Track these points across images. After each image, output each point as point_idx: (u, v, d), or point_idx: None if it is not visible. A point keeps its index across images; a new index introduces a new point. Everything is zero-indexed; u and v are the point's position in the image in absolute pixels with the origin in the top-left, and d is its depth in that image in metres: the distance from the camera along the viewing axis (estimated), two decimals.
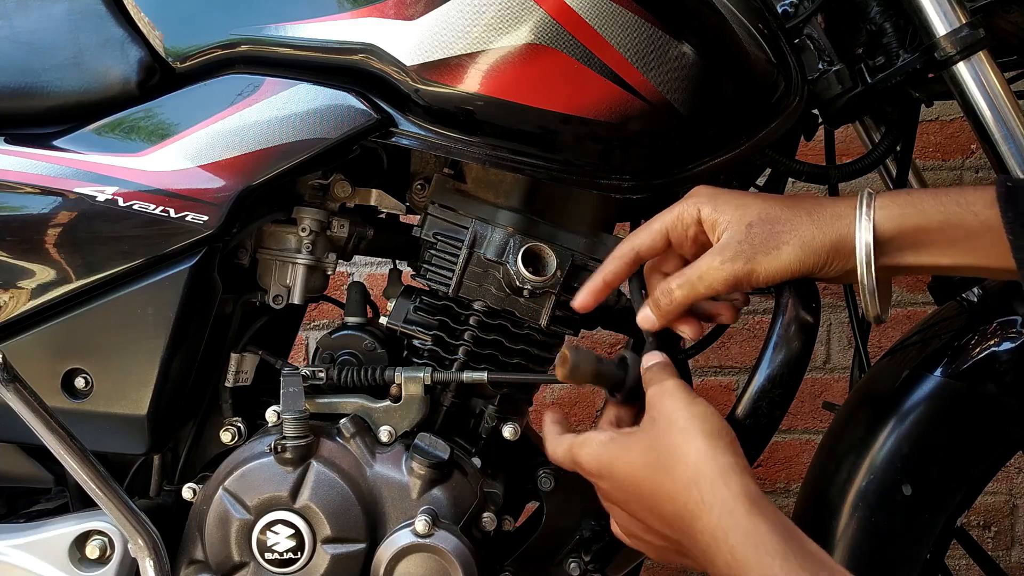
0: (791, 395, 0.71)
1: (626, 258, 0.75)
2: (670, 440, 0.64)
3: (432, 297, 0.88)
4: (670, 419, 0.65)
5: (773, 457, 1.88)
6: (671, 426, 0.64)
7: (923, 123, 1.77)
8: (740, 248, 0.69)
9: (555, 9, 0.74)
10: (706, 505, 0.60)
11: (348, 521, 0.83)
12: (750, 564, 0.58)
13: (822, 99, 0.85)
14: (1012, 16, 0.83)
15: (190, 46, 0.82)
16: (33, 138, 0.83)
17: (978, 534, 1.87)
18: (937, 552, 0.83)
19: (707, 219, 0.71)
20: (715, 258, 0.70)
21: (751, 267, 0.69)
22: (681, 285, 0.71)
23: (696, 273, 0.70)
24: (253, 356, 0.92)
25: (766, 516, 0.59)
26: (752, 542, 0.58)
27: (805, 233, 0.69)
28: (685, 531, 0.63)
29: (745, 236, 0.69)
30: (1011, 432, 0.82)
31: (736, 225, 0.70)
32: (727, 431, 0.64)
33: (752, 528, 0.58)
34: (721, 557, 0.59)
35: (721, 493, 0.60)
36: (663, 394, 0.66)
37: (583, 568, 0.89)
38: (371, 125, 0.79)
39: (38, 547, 0.86)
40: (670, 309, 0.72)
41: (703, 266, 0.70)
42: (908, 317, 1.80)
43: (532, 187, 0.85)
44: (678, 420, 0.64)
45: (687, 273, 0.71)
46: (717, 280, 0.70)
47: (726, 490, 0.60)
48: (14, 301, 0.83)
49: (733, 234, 0.70)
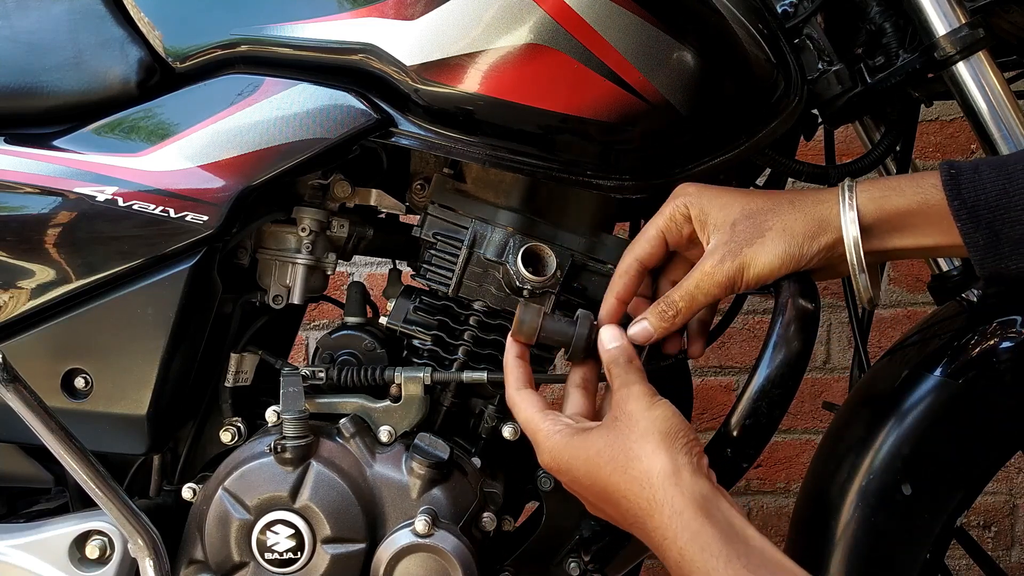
0: (791, 395, 0.71)
1: (631, 271, 0.77)
2: (628, 440, 0.66)
3: (432, 297, 0.88)
4: (631, 420, 0.67)
5: (773, 457, 1.88)
6: (631, 427, 0.66)
7: (923, 123, 1.77)
8: (728, 248, 0.71)
9: (555, 9, 0.74)
10: (657, 504, 0.63)
11: (348, 521, 0.83)
12: (696, 565, 0.60)
13: (822, 99, 0.85)
14: (1012, 16, 0.83)
15: (190, 46, 0.82)
16: (33, 138, 0.83)
17: (978, 534, 1.87)
18: (937, 552, 0.83)
19: (697, 220, 0.74)
20: (706, 264, 0.72)
21: (740, 262, 0.71)
22: (683, 297, 0.73)
23: (693, 283, 0.73)
24: (253, 356, 0.92)
25: (713, 519, 0.61)
26: (698, 544, 0.60)
27: (787, 217, 0.71)
28: (640, 527, 0.65)
29: (731, 236, 0.71)
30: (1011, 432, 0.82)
31: (722, 227, 0.72)
32: (684, 432, 0.66)
33: (699, 529, 0.61)
34: (671, 555, 0.62)
35: (671, 493, 0.62)
36: (629, 397, 0.68)
37: (583, 568, 0.89)
38: (371, 125, 0.79)
39: (38, 547, 0.86)
40: (675, 322, 0.74)
41: (697, 275, 0.72)
42: (908, 317, 1.80)
43: (532, 187, 0.85)
44: (639, 421, 0.66)
45: (684, 285, 0.73)
46: (713, 285, 0.72)
47: (676, 491, 0.62)
48: (14, 301, 0.83)
49: (720, 236, 0.72)
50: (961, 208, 0.67)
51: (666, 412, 0.67)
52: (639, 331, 0.75)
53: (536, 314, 0.76)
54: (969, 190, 0.67)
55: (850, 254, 0.70)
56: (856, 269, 0.71)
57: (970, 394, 0.81)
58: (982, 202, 0.67)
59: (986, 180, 0.67)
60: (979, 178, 0.67)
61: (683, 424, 0.66)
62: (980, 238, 0.67)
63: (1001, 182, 0.67)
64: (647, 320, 0.74)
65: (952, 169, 0.69)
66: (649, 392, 0.69)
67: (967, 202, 0.67)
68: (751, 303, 1.81)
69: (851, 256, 0.70)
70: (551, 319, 0.76)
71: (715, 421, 1.84)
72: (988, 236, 0.67)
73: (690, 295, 0.73)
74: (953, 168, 0.69)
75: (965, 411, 0.82)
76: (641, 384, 0.69)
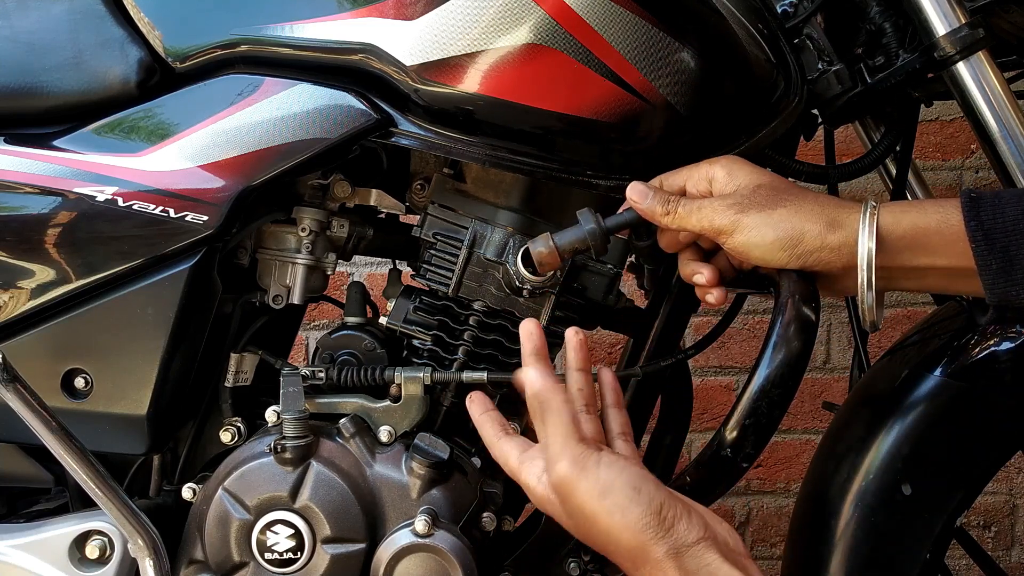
0: (791, 395, 0.71)
1: (654, 184, 0.78)
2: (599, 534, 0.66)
3: (432, 297, 0.88)
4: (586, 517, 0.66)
5: (773, 457, 1.88)
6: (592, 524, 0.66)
7: (923, 123, 1.77)
8: (741, 199, 0.72)
9: (555, 9, 0.74)
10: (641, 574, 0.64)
11: (348, 521, 0.83)
12: None
13: (822, 99, 0.85)
14: (1012, 16, 0.83)
15: (190, 46, 0.82)
16: (33, 138, 0.83)
17: (978, 534, 1.87)
18: (937, 552, 0.83)
19: (720, 181, 0.75)
20: (716, 201, 0.73)
21: (740, 216, 0.71)
22: (684, 205, 0.74)
23: (697, 203, 0.74)
24: (253, 356, 0.92)
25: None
26: None
27: (804, 205, 0.72)
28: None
29: (750, 193, 0.73)
30: (1011, 432, 0.82)
31: (746, 186, 0.73)
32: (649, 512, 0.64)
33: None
34: None
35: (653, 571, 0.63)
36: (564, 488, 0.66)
37: (583, 568, 0.89)
38: (371, 125, 0.79)
39: (38, 547, 0.86)
40: (664, 218, 0.75)
41: (706, 200, 0.74)
42: (908, 317, 1.80)
43: (532, 187, 0.85)
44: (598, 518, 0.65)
45: (693, 200, 0.74)
46: (705, 219, 0.72)
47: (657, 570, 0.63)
48: (14, 301, 0.83)
49: (740, 189, 0.73)
50: (977, 229, 0.67)
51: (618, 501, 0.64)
52: (637, 192, 0.75)
53: (546, 240, 0.77)
54: (988, 213, 0.67)
55: (861, 269, 0.69)
56: (865, 286, 0.70)
57: (970, 394, 0.81)
58: (999, 227, 0.67)
59: (1006, 206, 0.67)
60: (999, 203, 0.67)
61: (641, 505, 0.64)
62: (994, 261, 0.67)
63: (1021, 208, 0.67)
64: (650, 193, 0.75)
65: (973, 193, 0.69)
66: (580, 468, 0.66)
67: (984, 224, 0.67)
68: (751, 303, 1.81)
69: (862, 272, 0.69)
70: (560, 234, 0.77)
71: (715, 421, 1.84)
72: (1002, 261, 0.67)
73: (688, 210, 0.73)
74: (974, 193, 0.69)
75: (965, 411, 0.82)
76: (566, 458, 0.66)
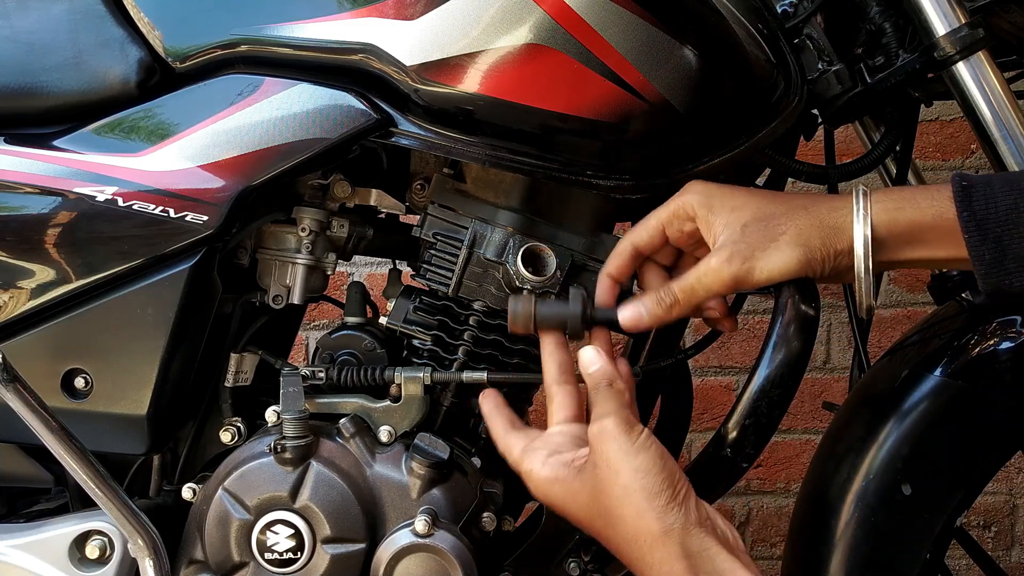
0: (791, 395, 0.71)
1: (625, 254, 0.77)
2: (611, 498, 0.65)
3: (432, 297, 0.88)
4: (611, 469, 0.65)
5: (773, 457, 1.88)
6: (613, 479, 0.65)
7: (923, 123, 1.77)
8: (736, 248, 0.70)
9: (555, 9, 0.74)
10: (647, 564, 0.64)
11: (348, 521, 0.83)
12: None
13: (822, 99, 0.85)
14: (1012, 16, 0.83)
15: (190, 46, 0.82)
16: (33, 138, 0.83)
17: (978, 534, 1.87)
18: (937, 552, 0.83)
19: (702, 220, 0.73)
20: (712, 260, 0.71)
21: (749, 265, 0.70)
22: (683, 289, 0.72)
23: (694, 277, 0.72)
24: (253, 356, 0.92)
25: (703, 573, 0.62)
26: None
27: (801, 224, 0.70)
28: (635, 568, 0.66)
29: (741, 236, 0.70)
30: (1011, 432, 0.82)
31: (732, 227, 0.71)
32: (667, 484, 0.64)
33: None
34: None
35: (659, 556, 0.63)
36: (604, 436, 0.66)
37: (583, 568, 0.89)
38: (371, 125, 0.79)
39: (38, 547, 0.86)
40: (671, 312, 0.73)
41: (701, 270, 0.71)
42: (908, 317, 1.81)
43: (532, 187, 0.85)
44: (619, 473, 0.65)
45: (686, 278, 0.72)
46: (716, 283, 0.71)
47: (664, 552, 0.63)
48: (14, 301, 0.83)
49: (729, 235, 0.71)
50: (970, 220, 0.66)
51: (645, 462, 0.64)
52: (629, 315, 0.74)
53: (528, 302, 0.77)
54: (980, 203, 0.66)
55: (858, 266, 0.69)
56: (863, 281, 0.69)
57: (970, 394, 0.81)
58: (991, 216, 0.66)
59: (998, 194, 0.66)
60: (991, 192, 0.67)
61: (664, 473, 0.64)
62: (986, 252, 0.66)
63: (1013, 197, 0.66)
64: (643, 304, 0.74)
65: (964, 181, 0.68)
66: (626, 429, 0.66)
67: (976, 214, 0.66)
68: (751, 303, 1.81)
69: (859, 268, 0.69)
70: (544, 304, 0.77)
71: (715, 421, 1.84)
72: (995, 251, 0.66)
73: (690, 288, 0.72)
74: (965, 180, 0.68)
75: (965, 411, 0.82)
76: (616, 417, 0.66)
